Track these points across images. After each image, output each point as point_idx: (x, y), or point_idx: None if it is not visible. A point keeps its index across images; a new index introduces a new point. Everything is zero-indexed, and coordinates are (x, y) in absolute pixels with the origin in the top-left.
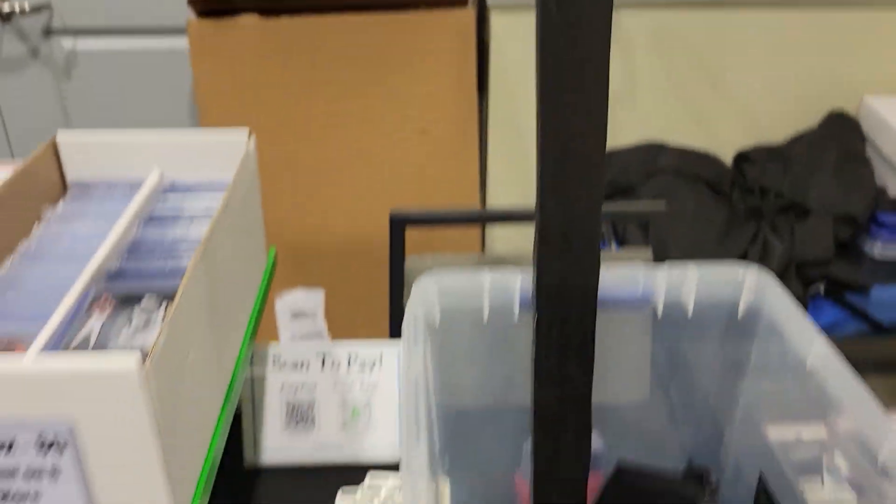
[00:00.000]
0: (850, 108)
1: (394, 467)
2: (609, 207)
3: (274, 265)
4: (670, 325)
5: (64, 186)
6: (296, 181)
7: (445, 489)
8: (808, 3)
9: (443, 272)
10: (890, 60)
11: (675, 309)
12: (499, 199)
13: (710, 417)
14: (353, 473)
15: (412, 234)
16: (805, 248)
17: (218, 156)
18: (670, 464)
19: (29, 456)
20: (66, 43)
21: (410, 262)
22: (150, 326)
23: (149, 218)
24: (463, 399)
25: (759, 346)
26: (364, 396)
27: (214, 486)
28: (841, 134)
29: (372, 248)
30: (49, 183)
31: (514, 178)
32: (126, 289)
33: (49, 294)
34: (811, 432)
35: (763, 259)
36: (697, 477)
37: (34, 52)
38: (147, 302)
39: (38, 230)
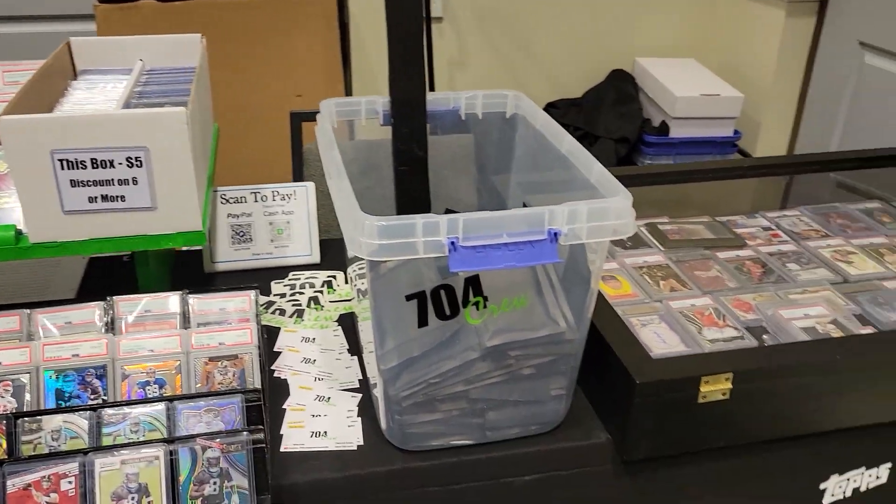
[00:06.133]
0: (626, 66)
1: (308, 268)
2: None
3: (218, 132)
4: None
5: (74, 73)
6: None
7: None
8: None
9: (337, 99)
10: (654, 29)
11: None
12: None
13: (496, 190)
14: (280, 272)
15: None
16: None
17: (181, 51)
18: None
19: (121, 170)
20: None
21: (306, 149)
22: None
23: (146, 82)
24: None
25: (520, 136)
26: (284, 220)
27: (186, 282)
28: (619, 84)
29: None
30: (66, 69)
31: None
32: (149, 103)
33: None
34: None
35: None
36: None
37: None
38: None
39: (69, 92)
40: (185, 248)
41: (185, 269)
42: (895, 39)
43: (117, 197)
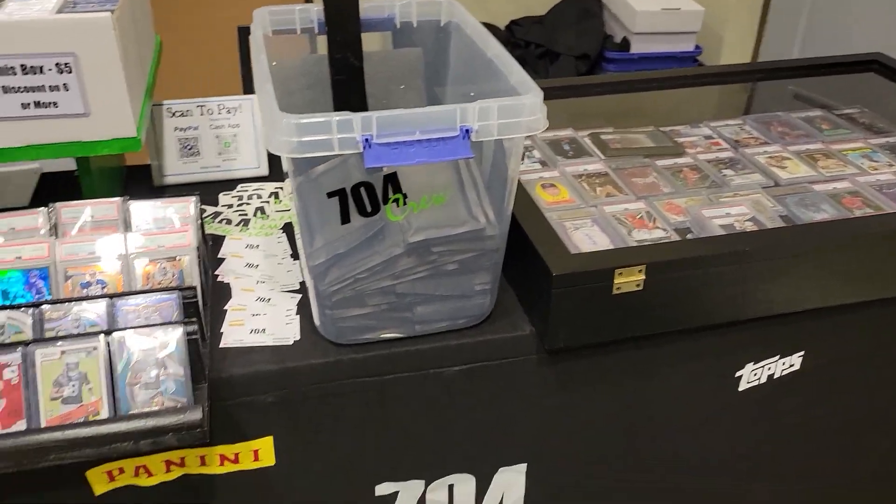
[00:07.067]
0: None
1: (255, 180)
2: None
3: (161, 45)
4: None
5: None
6: None
7: None
8: None
9: (270, 7)
10: None
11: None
12: None
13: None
14: (229, 184)
15: None
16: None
17: None
18: None
19: (51, 76)
20: None
21: None
22: None
23: None
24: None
25: (454, 46)
26: (231, 133)
27: (139, 193)
28: (582, 0)
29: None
30: None
31: None
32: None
33: None
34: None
35: None
36: None
37: None
38: None
39: (4, 4)
40: (138, 164)
41: (136, 184)
42: None
43: (50, 103)
